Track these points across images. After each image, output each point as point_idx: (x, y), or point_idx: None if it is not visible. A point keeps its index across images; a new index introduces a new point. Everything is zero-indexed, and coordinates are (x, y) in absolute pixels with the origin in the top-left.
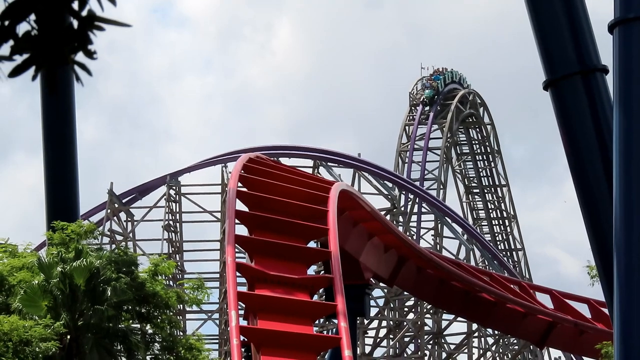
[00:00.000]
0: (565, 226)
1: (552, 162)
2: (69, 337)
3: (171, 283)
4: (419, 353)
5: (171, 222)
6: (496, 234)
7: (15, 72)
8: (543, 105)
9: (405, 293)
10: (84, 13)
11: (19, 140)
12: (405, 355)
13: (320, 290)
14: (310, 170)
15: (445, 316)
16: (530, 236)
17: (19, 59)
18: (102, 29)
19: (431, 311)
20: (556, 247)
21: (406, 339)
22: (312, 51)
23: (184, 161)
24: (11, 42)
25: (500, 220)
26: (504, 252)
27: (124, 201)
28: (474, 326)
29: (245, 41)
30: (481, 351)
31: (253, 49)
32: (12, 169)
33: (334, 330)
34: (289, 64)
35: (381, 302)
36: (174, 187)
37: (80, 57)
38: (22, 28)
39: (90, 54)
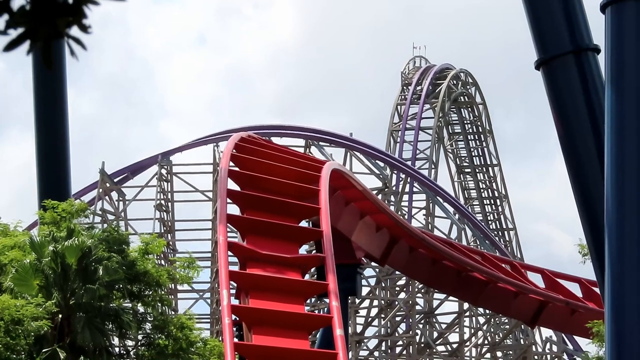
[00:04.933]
0: (558, 203)
1: (544, 138)
2: (60, 316)
3: (163, 262)
4: (410, 332)
5: (163, 202)
6: (488, 214)
7: (10, 47)
8: (534, 82)
9: (397, 272)
10: None
11: (13, 116)
12: (396, 334)
13: (312, 270)
14: (302, 150)
15: (436, 295)
16: (522, 213)
17: (13, 33)
18: (97, 3)
19: (422, 290)
20: (548, 225)
21: (397, 319)
22: (305, 29)
23: (178, 138)
24: (6, 17)
25: (492, 200)
26: (495, 232)
27: (115, 180)
28: (465, 305)
29: (239, 18)
30: (472, 330)
31: (247, 26)
32: (7, 145)
33: (326, 309)
34: (282, 41)
35: (372, 281)
36: (166, 167)
37: (75, 31)
38: (17, 2)
39: (85, 29)
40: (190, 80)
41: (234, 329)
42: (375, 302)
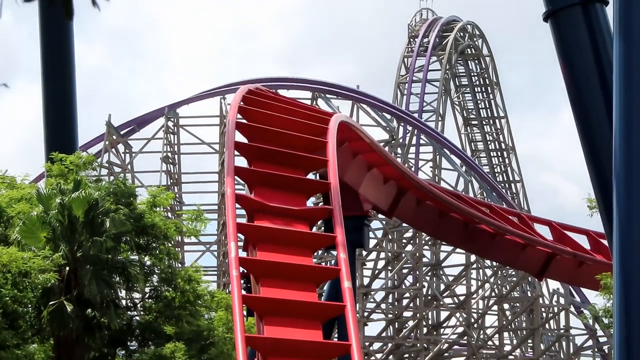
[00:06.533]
0: (564, 154)
1: (550, 89)
2: (67, 268)
3: (170, 215)
4: (417, 284)
5: (169, 154)
6: (494, 166)
7: None
8: (541, 33)
9: (404, 225)
10: None
11: (20, 68)
12: (403, 286)
13: (319, 222)
14: (308, 102)
15: (443, 248)
16: (528, 165)
17: None
18: None
19: (430, 243)
20: (554, 176)
21: (404, 271)
22: None
23: (184, 91)
24: None
25: (499, 152)
26: (502, 184)
27: (122, 133)
28: (473, 258)
29: None
30: (479, 283)
31: None
32: (14, 97)
33: (333, 261)
34: None
35: (379, 234)
36: (172, 119)
37: None
38: None
39: None
40: (196, 32)
41: (242, 281)
42: (382, 255)
